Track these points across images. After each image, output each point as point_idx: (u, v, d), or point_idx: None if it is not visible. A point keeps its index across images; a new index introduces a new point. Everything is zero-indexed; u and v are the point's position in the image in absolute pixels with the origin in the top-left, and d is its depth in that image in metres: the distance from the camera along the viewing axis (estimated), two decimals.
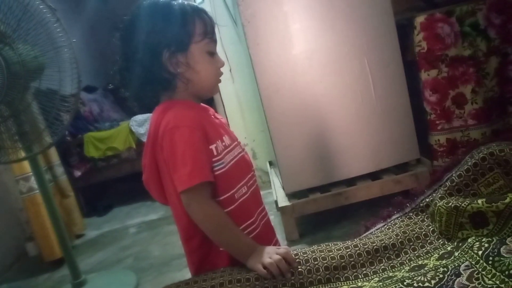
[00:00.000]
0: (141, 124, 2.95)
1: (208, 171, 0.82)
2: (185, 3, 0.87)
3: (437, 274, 0.70)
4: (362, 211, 1.89)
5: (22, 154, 1.78)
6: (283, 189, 1.94)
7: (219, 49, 2.42)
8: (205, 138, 0.83)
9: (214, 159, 0.84)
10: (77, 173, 3.04)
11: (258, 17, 1.76)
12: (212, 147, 0.84)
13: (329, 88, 1.82)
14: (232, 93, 2.59)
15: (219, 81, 0.93)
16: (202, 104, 0.95)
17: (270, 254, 0.80)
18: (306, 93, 1.81)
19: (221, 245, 0.86)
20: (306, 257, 0.83)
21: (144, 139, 2.92)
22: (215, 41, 0.90)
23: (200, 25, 0.86)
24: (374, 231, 0.91)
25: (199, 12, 0.87)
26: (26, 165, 2.13)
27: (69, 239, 2.02)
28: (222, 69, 0.93)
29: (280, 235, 1.90)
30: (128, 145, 3.02)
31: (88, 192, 3.21)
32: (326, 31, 1.78)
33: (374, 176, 1.89)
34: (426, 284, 0.69)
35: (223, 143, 0.88)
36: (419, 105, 1.88)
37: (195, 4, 0.90)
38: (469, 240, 0.76)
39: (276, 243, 0.99)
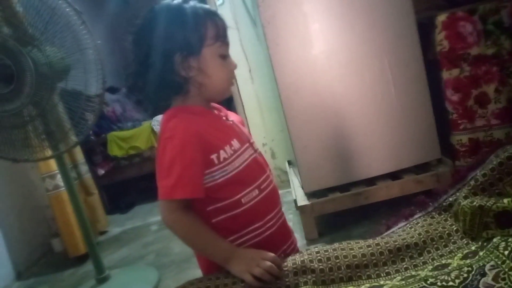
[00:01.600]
0: None
1: (192, 187, 0.81)
2: (197, 6, 0.86)
3: (461, 273, 0.70)
4: (382, 211, 1.88)
5: (49, 152, 1.84)
6: (302, 188, 1.95)
7: (238, 50, 2.49)
8: (203, 150, 0.82)
9: (214, 168, 0.84)
10: (101, 172, 3.11)
11: (278, 18, 1.77)
12: (213, 156, 0.83)
13: (349, 88, 1.81)
14: (251, 93, 2.61)
15: (232, 84, 0.92)
16: (214, 104, 0.95)
17: (257, 261, 0.79)
18: (326, 93, 1.82)
19: (196, 251, 0.86)
20: (327, 255, 0.83)
21: None
22: (227, 44, 0.88)
23: (212, 28, 0.85)
24: (396, 230, 0.91)
25: (211, 15, 0.86)
26: (52, 163, 2.19)
27: (93, 236, 2.08)
28: (235, 71, 0.92)
29: (299, 234, 1.91)
30: (150, 144, 3.08)
31: (111, 190, 3.28)
32: (346, 31, 1.78)
33: (394, 176, 1.88)
34: (450, 283, 0.68)
35: (232, 148, 0.87)
36: (441, 104, 1.86)
37: (207, 6, 0.89)
38: (494, 240, 0.75)
39: (292, 244, 0.98)
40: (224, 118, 0.93)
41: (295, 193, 2.01)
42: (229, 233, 0.87)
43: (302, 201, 1.90)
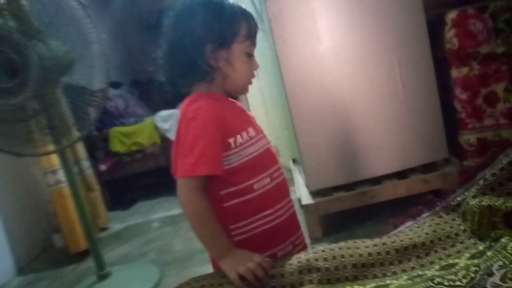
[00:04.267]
0: (165, 119, 2.99)
1: (214, 165, 0.84)
2: (236, 4, 0.92)
3: (469, 273, 0.68)
4: (387, 211, 1.86)
5: (51, 147, 1.83)
6: (307, 187, 1.93)
7: None
8: (223, 132, 0.86)
9: (231, 152, 0.87)
10: (103, 167, 3.10)
11: (285, 14, 1.75)
12: (231, 140, 0.87)
13: (356, 86, 1.79)
14: (256, 90, 2.59)
15: (251, 82, 0.96)
16: (231, 99, 0.98)
17: (245, 261, 0.80)
18: (333, 90, 1.80)
19: (198, 237, 0.87)
20: (333, 254, 0.82)
21: (168, 134, 2.96)
22: (255, 45, 0.94)
23: (245, 27, 0.90)
24: (403, 229, 0.89)
25: (247, 15, 0.92)
26: (54, 158, 2.19)
27: (94, 232, 2.07)
28: (255, 72, 0.96)
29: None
30: (152, 141, 3.07)
31: (113, 186, 3.27)
32: (354, 28, 1.76)
33: (400, 175, 1.85)
34: (457, 283, 0.67)
35: (248, 134, 0.90)
36: (449, 103, 1.84)
37: (244, 7, 0.94)
38: (503, 240, 0.73)
39: (301, 237, 1.00)
40: (240, 110, 0.98)
41: (300, 191, 1.99)
42: (240, 218, 0.89)
43: (307, 199, 1.88)
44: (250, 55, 0.93)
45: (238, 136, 0.88)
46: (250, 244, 0.89)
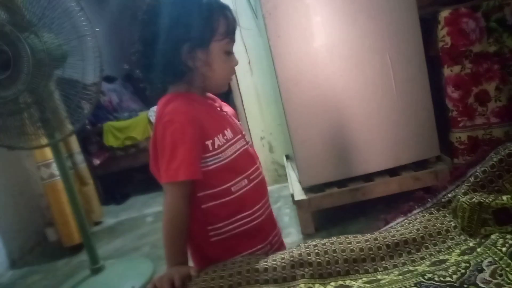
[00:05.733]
0: None
1: (195, 169, 0.83)
2: (212, 0, 0.88)
3: (459, 269, 0.69)
4: (379, 208, 1.87)
5: (44, 140, 1.82)
6: (300, 183, 1.94)
7: (238, 41, 2.43)
8: (200, 134, 0.84)
9: (208, 154, 0.86)
10: (96, 162, 3.09)
11: (280, 9, 1.75)
12: (208, 142, 0.85)
13: (350, 82, 1.80)
14: (250, 86, 2.59)
15: (231, 79, 0.95)
16: (210, 95, 0.96)
17: (163, 278, 0.78)
18: (326, 86, 1.80)
19: (163, 239, 0.86)
20: (325, 249, 0.83)
21: None
22: (234, 41, 0.91)
23: (223, 24, 0.87)
24: (394, 225, 0.90)
25: (225, 11, 0.88)
26: (48, 152, 2.18)
27: (88, 226, 2.06)
28: (235, 68, 0.94)
29: (295, 228, 1.90)
30: (146, 135, 3.06)
31: (107, 180, 3.27)
32: (348, 25, 1.76)
33: (392, 172, 1.87)
34: (448, 278, 0.68)
35: (225, 137, 0.89)
36: (441, 101, 1.86)
37: (221, 1, 0.90)
38: (493, 236, 0.74)
39: (277, 235, 0.99)
40: (218, 108, 0.95)
41: (292, 187, 2.00)
42: (218, 219, 0.89)
43: (299, 195, 1.89)
44: (229, 53, 0.89)
45: (216, 139, 0.87)
46: (227, 244, 0.89)
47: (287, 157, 2.51)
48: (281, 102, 1.86)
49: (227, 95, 2.57)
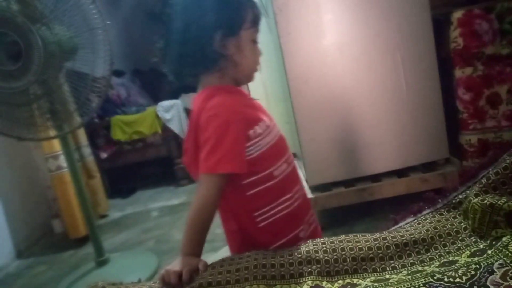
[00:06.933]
0: (167, 109, 2.99)
1: (238, 162, 0.84)
2: None
3: (469, 270, 0.69)
4: (386, 209, 1.86)
5: (53, 132, 1.83)
6: (306, 181, 1.93)
7: None
8: (244, 127, 0.86)
9: (251, 142, 0.87)
10: (103, 155, 3.11)
11: (291, 6, 1.75)
12: (251, 131, 0.87)
13: (359, 81, 1.79)
14: (258, 83, 2.58)
15: (257, 69, 0.96)
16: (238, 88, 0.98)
17: (171, 266, 0.81)
18: (335, 85, 1.79)
19: (186, 226, 0.87)
20: (333, 246, 0.82)
21: (170, 124, 2.96)
22: (259, 31, 0.93)
23: (251, 13, 0.89)
24: (404, 225, 0.90)
25: (252, 1, 0.91)
26: (56, 143, 2.19)
27: (94, 218, 2.07)
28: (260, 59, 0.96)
29: None
30: (154, 130, 3.07)
31: (113, 174, 3.28)
32: (359, 23, 1.75)
33: (400, 173, 1.86)
34: (457, 279, 0.67)
35: (265, 124, 0.91)
36: (452, 103, 1.84)
37: None
38: (504, 239, 0.74)
39: (313, 215, 1.03)
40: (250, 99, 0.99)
41: None
42: (264, 204, 0.91)
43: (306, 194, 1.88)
44: (255, 42, 0.92)
45: (257, 127, 0.88)
46: (274, 228, 0.91)
47: (294, 155, 2.49)
48: (289, 100, 1.85)
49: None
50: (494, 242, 0.76)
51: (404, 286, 0.70)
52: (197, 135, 0.87)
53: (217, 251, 1.69)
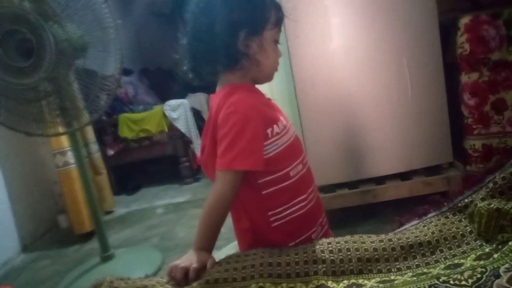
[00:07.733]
0: (174, 109, 3.01)
1: (254, 160, 0.85)
2: None
3: (475, 274, 0.70)
4: (388, 211, 1.88)
5: (61, 129, 1.85)
6: None
7: None
8: (263, 125, 0.87)
9: (268, 141, 0.88)
10: (110, 152, 3.13)
11: (299, 10, 1.75)
12: (269, 130, 0.88)
13: (365, 85, 1.80)
14: (264, 85, 2.59)
15: (277, 69, 0.97)
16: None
17: (181, 260, 0.82)
18: (341, 88, 1.81)
19: (200, 220, 0.89)
20: (339, 247, 0.84)
21: (177, 123, 2.98)
22: (280, 32, 0.95)
23: (275, 14, 0.91)
24: (409, 227, 0.91)
25: (275, 2, 0.92)
26: (64, 140, 2.21)
27: (100, 214, 2.09)
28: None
29: None
30: (160, 128, 3.09)
31: (119, 171, 3.31)
32: (366, 27, 1.76)
33: (404, 176, 1.87)
34: (463, 282, 0.68)
35: (282, 124, 0.92)
36: (457, 108, 1.85)
37: None
38: (510, 243, 0.75)
39: (325, 218, 1.04)
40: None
41: None
42: (278, 204, 0.92)
43: None
44: (277, 42, 0.93)
45: (275, 126, 0.89)
46: (288, 229, 0.92)
47: None
48: (296, 102, 1.87)
49: None
50: (500, 246, 0.77)
51: (410, 287, 0.72)
52: (215, 132, 0.88)
53: (221, 249, 1.71)
